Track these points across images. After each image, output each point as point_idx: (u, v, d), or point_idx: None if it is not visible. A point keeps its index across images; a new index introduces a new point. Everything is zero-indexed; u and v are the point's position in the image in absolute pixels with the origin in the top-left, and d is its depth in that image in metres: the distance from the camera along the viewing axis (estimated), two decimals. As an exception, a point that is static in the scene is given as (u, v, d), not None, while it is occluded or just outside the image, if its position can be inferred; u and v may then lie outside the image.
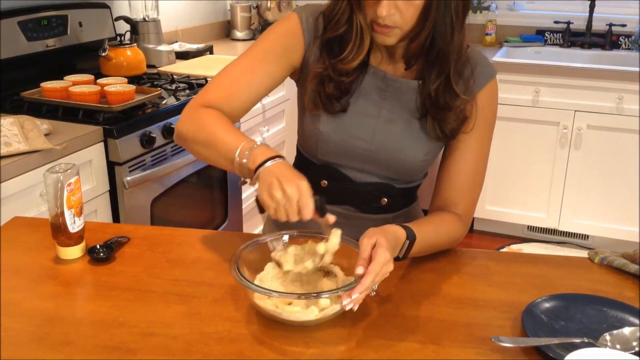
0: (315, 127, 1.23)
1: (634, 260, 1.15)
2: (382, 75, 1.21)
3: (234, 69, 1.22)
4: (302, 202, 0.97)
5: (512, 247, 3.36)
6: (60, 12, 2.41)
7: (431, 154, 1.24)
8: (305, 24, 1.21)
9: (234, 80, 1.21)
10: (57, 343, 0.93)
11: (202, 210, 2.52)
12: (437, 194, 1.26)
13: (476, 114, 1.21)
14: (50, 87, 2.10)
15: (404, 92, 1.21)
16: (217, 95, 1.19)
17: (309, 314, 0.95)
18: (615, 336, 0.92)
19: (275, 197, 0.97)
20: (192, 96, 2.29)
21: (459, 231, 1.22)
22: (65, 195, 1.12)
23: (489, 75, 1.22)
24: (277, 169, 1.01)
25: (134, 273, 1.13)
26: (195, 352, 0.91)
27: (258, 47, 1.23)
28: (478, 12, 3.63)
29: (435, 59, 1.14)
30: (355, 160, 1.25)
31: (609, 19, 3.42)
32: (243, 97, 1.21)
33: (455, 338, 0.95)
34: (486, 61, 1.23)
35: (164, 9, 3.04)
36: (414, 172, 1.26)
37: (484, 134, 1.24)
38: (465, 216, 1.24)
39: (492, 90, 1.23)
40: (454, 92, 1.16)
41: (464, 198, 1.24)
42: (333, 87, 1.19)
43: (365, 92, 1.22)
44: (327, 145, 1.23)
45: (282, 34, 1.23)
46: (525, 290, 1.08)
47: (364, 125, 1.22)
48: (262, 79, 1.21)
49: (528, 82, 3.11)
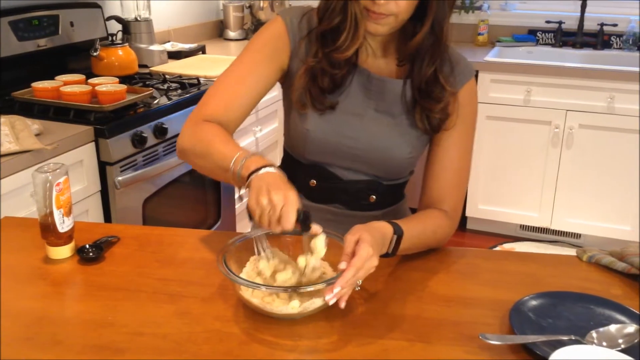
0: (302, 126, 1.24)
1: (622, 258, 1.16)
2: (366, 73, 1.23)
3: (227, 78, 1.24)
4: (284, 210, 0.96)
5: (504, 246, 3.37)
6: (52, 12, 2.41)
7: (416, 150, 1.27)
8: (290, 26, 1.24)
9: (228, 90, 1.23)
10: (46, 343, 0.93)
11: (194, 210, 2.52)
12: (424, 193, 1.28)
13: (457, 112, 1.23)
14: (42, 87, 2.09)
15: (388, 90, 1.23)
16: (214, 108, 1.21)
17: (290, 307, 0.96)
18: (602, 333, 0.93)
19: (261, 203, 0.98)
20: (184, 96, 2.32)
21: (448, 228, 1.23)
22: (54, 195, 1.12)
23: (468, 74, 1.25)
24: (269, 177, 1.02)
25: (123, 273, 1.13)
26: (184, 351, 0.91)
27: (247, 54, 1.25)
28: (470, 12, 3.64)
29: (429, 49, 1.17)
30: (343, 159, 1.26)
31: (600, 19, 3.44)
32: (239, 105, 1.23)
33: (444, 336, 0.96)
34: (465, 61, 1.26)
35: (156, 8, 3.03)
36: (401, 168, 1.28)
37: (466, 131, 1.26)
38: (452, 213, 1.25)
39: (472, 88, 1.27)
40: (440, 83, 1.20)
41: (451, 195, 1.25)
42: (327, 81, 1.20)
43: (352, 91, 1.23)
44: (315, 144, 1.24)
45: (268, 38, 1.25)
46: (514, 288, 1.08)
47: (351, 123, 1.23)
48: (255, 84, 1.23)
49: (520, 82, 3.12)
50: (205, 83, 2.54)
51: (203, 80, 2.58)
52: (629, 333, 0.92)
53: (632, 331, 0.92)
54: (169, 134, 2.19)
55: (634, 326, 0.93)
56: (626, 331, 0.92)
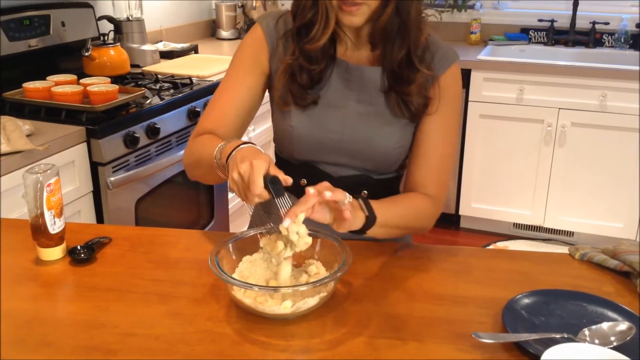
0: (286, 124, 1.26)
1: (614, 256, 1.16)
2: (345, 65, 1.24)
3: (217, 93, 1.29)
4: (251, 178, 0.97)
5: (498, 244, 3.38)
6: (43, 11, 2.40)
7: (403, 140, 1.26)
8: (266, 28, 1.27)
9: (219, 105, 1.28)
10: (37, 344, 0.92)
11: (187, 210, 2.51)
12: (407, 178, 1.29)
13: (439, 97, 1.24)
14: (33, 87, 2.08)
15: (368, 79, 1.24)
16: (209, 123, 1.26)
17: (283, 307, 0.96)
18: (594, 331, 0.93)
19: (233, 179, 1.01)
20: (176, 95, 2.32)
21: (430, 209, 1.24)
22: (45, 196, 1.11)
23: (451, 59, 1.26)
24: (240, 152, 1.04)
25: (115, 274, 1.12)
26: (176, 352, 0.90)
27: (232, 67, 1.30)
28: (463, 10, 3.65)
29: (397, 33, 1.18)
30: (330, 154, 1.26)
31: (592, 17, 3.45)
32: (232, 117, 1.26)
33: (436, 334, 0.96)
34: (447, 47, 1.27)
35: (148, 8, 3.02)
36: (389, 160, 1.28)
37: (449, 116, 1.26)
38: (436, 197, 1.26)
39: (455, 73, 1.26)
40: (414, 66, 1.20)
41: (433, 180, 1.26)
42: (305, 77, 1.22)
43: (333, 84, 1.25)
44: (300, 141, 1.25)
45: (249, 46, 1.29)
46: (507, 287, 1.08)
47: (334, 116, 1.24)
48: (242, 95, 1.27)
49: (513, 80, 3.13)
50: (197, 83, 2.53)
51: (195, 80, 2.57)
52: (621, 330, 0.92)
53: (624, 328, 0.92)
54: (161, 134, 2.18)
55: (626, 324, 0.93)
56: (618, 329, 0.93)
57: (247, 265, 1.07)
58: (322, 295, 0.99)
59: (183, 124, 2.32)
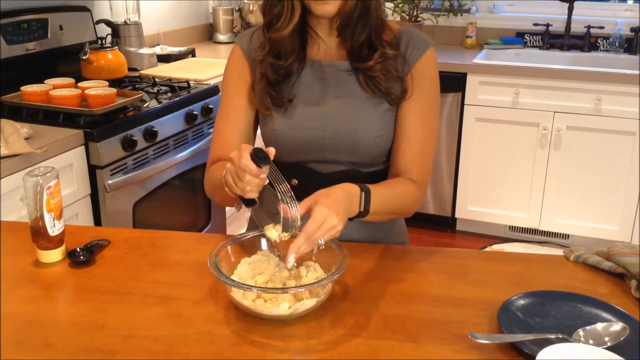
0: (269, 128, 1.30)
1: (608, 257, 1.17)
2: (318, 64, 1.29)
3: (218, 120, 1.35)
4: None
5: (494, 247, 3.39)
6: (41, 15, 2.40)
7: (384, 129, 1.28)
8: (244, 46, 1.33)
9: (222, 133, 1.34)
10: (37, 346, 0.93)
11: (185, 213, 2.52)
12: (392, 164, 1.31)
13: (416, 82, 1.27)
14: (31, 90, 2.09)
15: (341, 73, 1.28)
16: (218, 151, 1.33)
17: (281, 309, 0.97)
18: (589, 332, 0.94)
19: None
20: (174, 99, 2.33)
21: (415, 193, 1.26)
22: (44, 199, 1.12)
23: (425, 45, 1.29)
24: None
25: (114, 276, 1.13)
26: (175, 353, 0.91)
27: (224, 91, 1.36)
28: (459, 14, 3.67)
29: (359, 16, 1.22)
30: (316, 152, 1.29)
31: (587, 21, 3.47)
32: (237, 141, 1.32)
33: (433, 335, 0.97)
34: (421, 34, 1.31)
35: (146, 11, 3.03)
36: (373, 151, 1.29)
37: (427, 100, 1.29)
38: (420, 181, 1.28)
39: (430, 58, 1.30)
40: (373, 45, 1.25)
41: (416, 164, 1.28)
42: (274, 74, 1.27)
43: (308, 84, 1.29)
44: (285, 143, 1.29)
45: (232, 69, 1.35)
46: (502, 288, 1.09)
47: (314, 115, 1.28)
48: (241, 116, 1.33)
49: (508, 84, 3.14)
50: (195, 86, 2.54)
51: (193, 83, 2.58)
52: (615, 331, 0.93)
53: (618, 329, 0.93)
54: (159, 137, 2.19)
55: (620, 324, 0.94)
56: (612, 329, 0.94)
57: (246, 267, 1.08)
58: (320, 296, 1.00)
59: (180, 127, 2.33)
